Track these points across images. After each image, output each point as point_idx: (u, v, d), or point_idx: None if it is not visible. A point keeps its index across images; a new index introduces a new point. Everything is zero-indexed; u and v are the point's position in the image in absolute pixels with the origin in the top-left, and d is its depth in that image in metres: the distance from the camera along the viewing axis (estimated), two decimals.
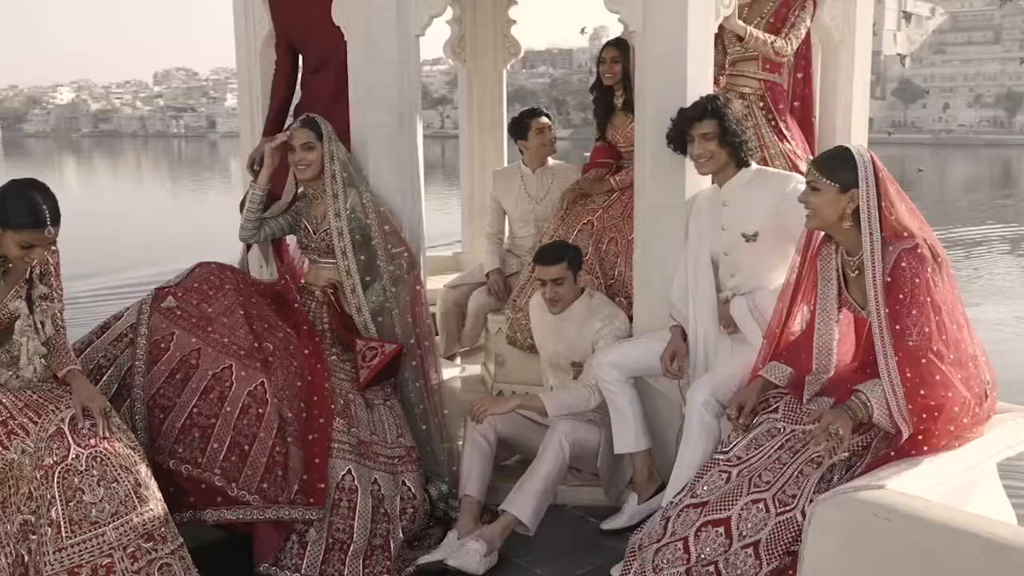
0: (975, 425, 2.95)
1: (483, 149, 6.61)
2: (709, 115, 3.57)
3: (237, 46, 4.83)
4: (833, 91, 4.50)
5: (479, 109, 6.60)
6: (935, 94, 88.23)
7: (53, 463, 2.89)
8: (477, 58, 6.55)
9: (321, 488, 3.46)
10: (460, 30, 6.48)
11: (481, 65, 6.57)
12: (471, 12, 6.46)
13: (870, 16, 4.48)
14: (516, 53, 6.67)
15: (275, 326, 3.73)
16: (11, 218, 2.91)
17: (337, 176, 3.86)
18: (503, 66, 6.65)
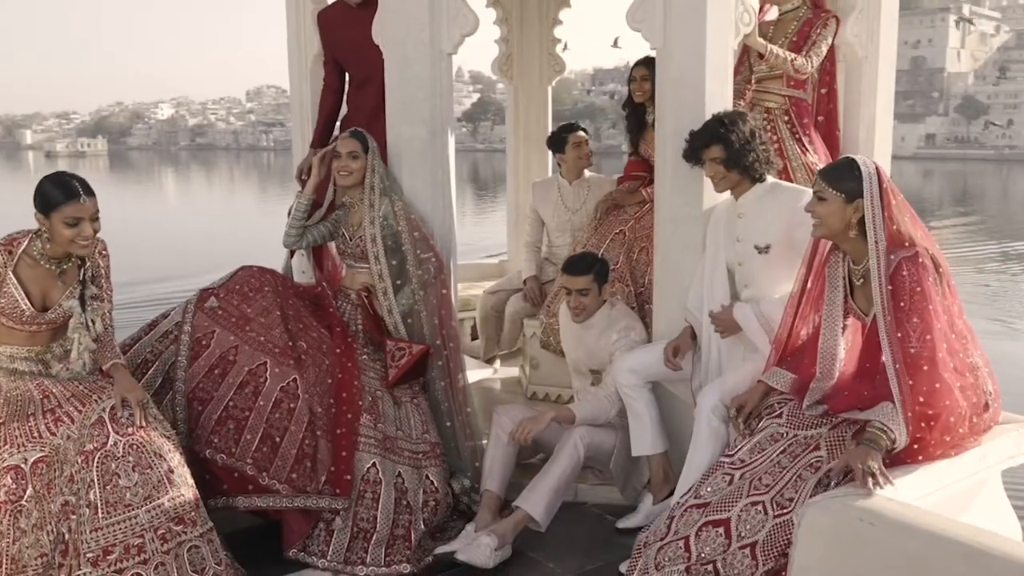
0: (973, 435, 2.86)
1: (528, 163, 6.65)
2: (716, 140, 3.53)
3: (290, 64, 4.94)
4: (856, 106, 4.41)
5: (525, 124, 6.64)
6: (998, 111, 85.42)
7: (93, 449, 2.98)
8: (523, 76, 6.60)
9: (347, 479, 3.50)
10: (507, 49, 6.54)
11: (527, 82, 6.61)
12: (518, 32, 6.51)
13: (894, 32, 4.38)
14: (560, 71, 6.70)
15: (310, 326, 3.79)
16: (50, 201, 3.02)
17: (376, 187, 3.92)
18: (548, 83, 6.68)
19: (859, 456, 2.68)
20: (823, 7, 4.33)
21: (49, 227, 3.04)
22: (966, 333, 2.94)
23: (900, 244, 2.84)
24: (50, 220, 3.03)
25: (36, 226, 3.10)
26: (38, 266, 3.09)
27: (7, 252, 3.05)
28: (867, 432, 2.75)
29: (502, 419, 3.90)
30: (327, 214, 4.08)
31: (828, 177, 2.96)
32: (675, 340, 3.79)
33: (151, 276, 13.23)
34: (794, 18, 4.32)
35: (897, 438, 2.71)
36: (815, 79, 4.39)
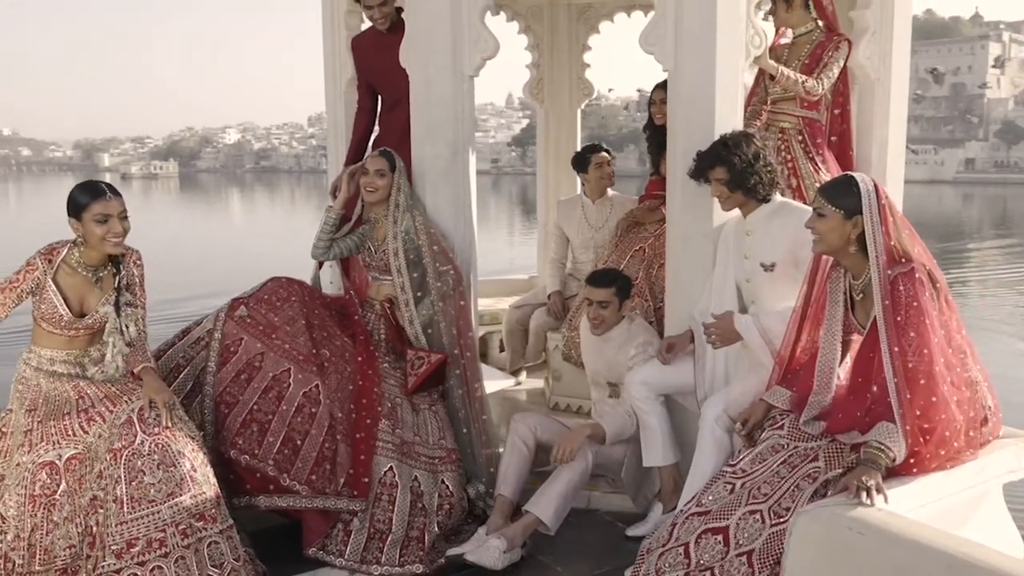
0: (970, 448, 2.78)
1: (558, 183, 6.64)
2: (719, 162, 3.50)
3: (326, 88, 5.01)
4: (869, 126, 4.33)
5: (555, 146, 6.65)
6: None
7: (121, 447, 3.04)
8: (554, 99, 6.61)
9: (365, 482, 3.52)
10: (538, 74, 6.55)
11: (557, 106, 6.62)
12: (548, 57, 6.53)
13: (907, 55, 4.31)
14: (589, 94, 6.69)
15: (334, 335, 3.83)
16: (79, 203, 3.12)
17: (400, 204, 3.95)
18: (577, 106, 6.69)
19: (858, 474, 2.62)
20: (836, 30, 4.27)
21: (82, 229, 3.12)
22: (965, 348, 2.87)
23: (897, 260, 2.79)
24: (82, 222, 3.11)
25: (74, 236, 3.18)
26: (76, 274, 3.17)
27: (47, 260, 3.13)
28: (865, 452, 2.69)
29: (519, 426, 3.89)
30: (353, 228, 4.12)
31: (827, 194, 2.92)
32: (672, 337, 3.77)
33: (212, 291, 13.51)
34: (807, 41, 4.27)
35: (896, 455, 2.65)
36: (828, 100, 4.33)
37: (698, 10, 3.68)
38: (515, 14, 6.41)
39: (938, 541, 2.23)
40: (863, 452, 2.68)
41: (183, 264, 20.19)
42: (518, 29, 6.50)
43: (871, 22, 4.20)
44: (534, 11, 6.43)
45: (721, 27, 3.68)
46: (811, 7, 4.26)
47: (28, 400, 3.20)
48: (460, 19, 3.93)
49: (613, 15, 6.45)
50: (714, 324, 3.49)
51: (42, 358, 3.23)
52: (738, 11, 3.72)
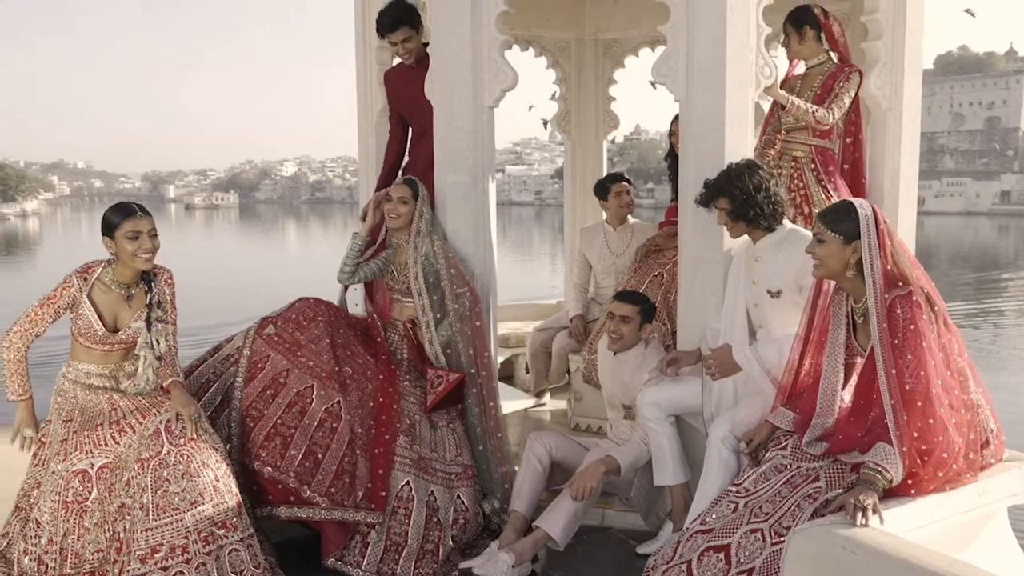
0: (970, 471, 2.70)
1: (584, 212, 6.65)
2: (722, 193, 3.48)
3: (358, 119, 5.09)
4: (882, 155, 4.28)
5: (581, 176, 6.66)
6: None
7: (149, 457, 3.08)
8: (580, 131, 6.63)
9: (383, 496, 3.52)
10: (565, 107, 6.59)
11: (584, 138, 6.64)
12: (575, 91, 6.56)
13: (918, 85, 4.25)
14: (615, 126, 6.70)
15: (357, 354, 3.85)
16: (112, 222, 3.20)
17: (422, 230, 3.98)
18: (603, 138, 6.70)
19: (854, 494, 2.56)
20: (848, 61, 4.24)
21: (115, 247, 3.19)
22: (966, 371, 2.80)
23: (895, 284, 2.74)
24: (115, 239, 3.18)
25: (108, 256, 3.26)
26: (110, 291, 3.24)
27: (82, 278, 3.20)
28: (863, 473, 2.63)
29: (535, 445, 3.87)
30: (376, 252, 4.16)
31: (827, 220, 2.88)
32: (678, 352, 3.74)
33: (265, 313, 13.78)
34: (820, 72, 4.24)
35: (894, 477, 2.59)
36: (840, 129, 4.28)
37: (708, 43, 3.68)
38: (543, 50, 6.47)
39: (929, 561, 2.16)
40: (861, 473, 2.62)
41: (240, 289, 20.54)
42: (546, 64, 6.55)
43: (882, 53, 4.17)
44: (561, 47, 6.48)
45: (731, 59, 3.67)
46: (823, 39, 4.23)
47: (65, 411, 3.27)
48: (481, 53, 3.97)
49: (638, 50, 6.47)
50: (713, 356, 3.46)
51: (79, 372, 3.30)
52: (748, 43, 3.72)
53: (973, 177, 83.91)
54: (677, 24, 3.74)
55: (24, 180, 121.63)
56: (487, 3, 3.94)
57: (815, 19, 4.21)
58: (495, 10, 3.94)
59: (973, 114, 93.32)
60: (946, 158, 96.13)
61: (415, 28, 4.38)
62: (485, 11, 3.94)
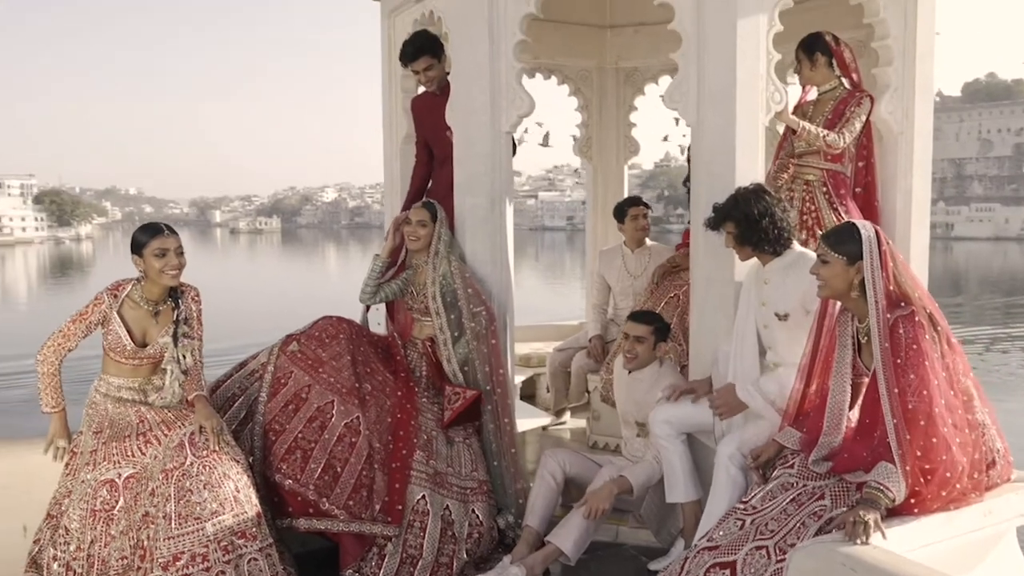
0: (975, 490, 2.64)
1: (606, 235, 6.64)
2: (728, 218, 3.46)
3: (384, 144, 5.15)
4: (894, 178, 4.23)
5: (603, 200, 6.65)
6: None
7: (173, 468, 3.13)
8: (601, 156, 6.64)
9: (399, 509, 3.53)
10: (587, 133, 6.61)
11: (605, 163, 6.65)
12: (597, 117, 6.59)
13: (929, 110, 4.21)
14: (635, 152, 6.71)
15: (376, 371, 3.88)
16: (140, 240, 3.28)
17: (440, 252, 4.01)
18: (624, 163, 6.70)
19: (855, 512, 2.52)
20: (859, 87, 4.22)
21: (143, 264, 3.26)
22: (971, 390, 2.75)
23: (897, 304, 2.70)
24: (143, 257, 3.25)
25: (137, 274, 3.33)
26: (139, 308, 3.31)
27: (113, 296, 3.27)
28: (865, 492, 2.59)
29: (549, 462, 3.87)
30: (396, 273, 4.19)
31: (830, 241, 2.86)
32: (693, 382, 3.71)
33: None
34: (831, 97, 4.22)
35: (896, 496, 2.54)
36: (852, 153, 4.25)
37: (719, 70, 3.69)
38: (565, 78, 6.51)
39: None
40: (863, 492, 2.58)
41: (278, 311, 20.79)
42: (568, 92, 6.59)
43: (893, 79, 4.14)
44: (583, 75, 6.51)
45: (741, 85, 3.67)
46: (834, 65, 4.22)
47: (96, 423, 3.33)
48: (498, 81, 4.01)
49: (657, 78, 6.48)
50: (717, 397, 3.44)
51: (110, 385, 3.36)
52: (758, 70, 3.71)
53: (1002, 203, 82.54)
54: (688, 51, 3.75)
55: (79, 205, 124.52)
56: (505, 32, 3.98)
57: (826, 46, 4.19)
58: (512, 39, 3.98)
59: (1001, 140, 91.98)
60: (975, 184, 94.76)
61: (437, 57, 4.44)
62: (503, 40, 3.99)
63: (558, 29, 6.27)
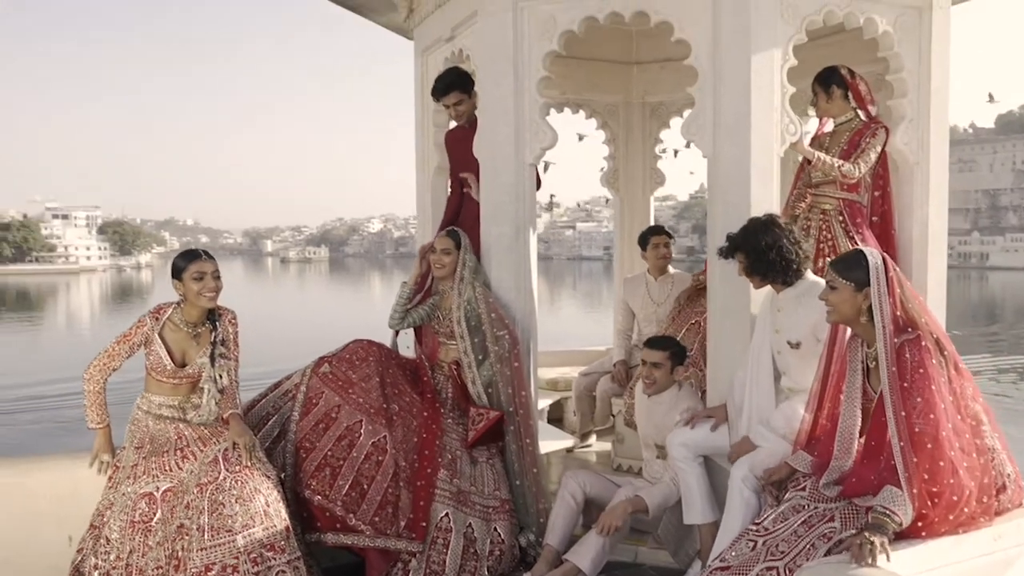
0: (985, 515, 2.59)
1: (632, 263, 6.63)
2: (739, 249, 3.46)
3: (417, 176, 5.24)
4: (910, 207, 4.19)
5: (629, 230, 6.66)
6: None
7: (207, 482, 3.19)
8: (628, 187, 6.67)
9: (423, 526, 3.55)
10: (614, 165, 6.65)
11: (631, 193, 6.67)
12: (624, 149, 6.62)
13: (945, 140, 4.17)
14: (661, 183, 6.72)
15: (404, 392, 3.92)
16: (179, 265, 3.38)
17: (465, 278, 4.06)
18: (650, 194, 6.72)
19: (863, 535, 2.49)
20: (875, 118, 4.20)
21: (183, 287, 3.35)
22: (981, 415, 2.70)
23: (904, 329, 2.68)
24: (182, 281, 3.34)
25: (177, 298, 3.42)
26: (179, 330, 3.40)
27: (155, 318, 3.37)
28: (872, 517, 2.55)
29: (570, 482, 3.86)
30: (423, 299, 4.24)
31: (838, 268, 2.85)
32: (710, 409, 3.69)
33: None
34: (847, 128, 4.22)
35: (902, 519, 2.50)
36: (868, 183, 4.23)
37: (734, 103, 3.71)
38: (593, 112, 6.56)
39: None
40: (870, 517, 2.54)
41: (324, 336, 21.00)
42: (596, 125, 6.64)
43: (908, 110, 4.12)
44: (610, 109, 6.57)
45: (755, 117, 3.69)
46: (850, 98, 4.21)
47: (137, 439, 3.42)
48: (522, 115, 4.07)
49: (682, 111, 6.49)
50: (735, 451, 3.44)
51: (152, 403, 3.45)
52: (772, 102, 3.73)
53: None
54: (704, 85, 3.78)
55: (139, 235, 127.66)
56: (529, 69, 4.05)
57: (842, 79, 4.19)
58: (536, 75, 4.04)
59: None
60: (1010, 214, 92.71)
61: (466, 92, 4.51)
62: (527, 76, 4.05)
63: (586, 66, 6.34)
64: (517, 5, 4.02)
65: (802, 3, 3.78)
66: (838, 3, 3.87)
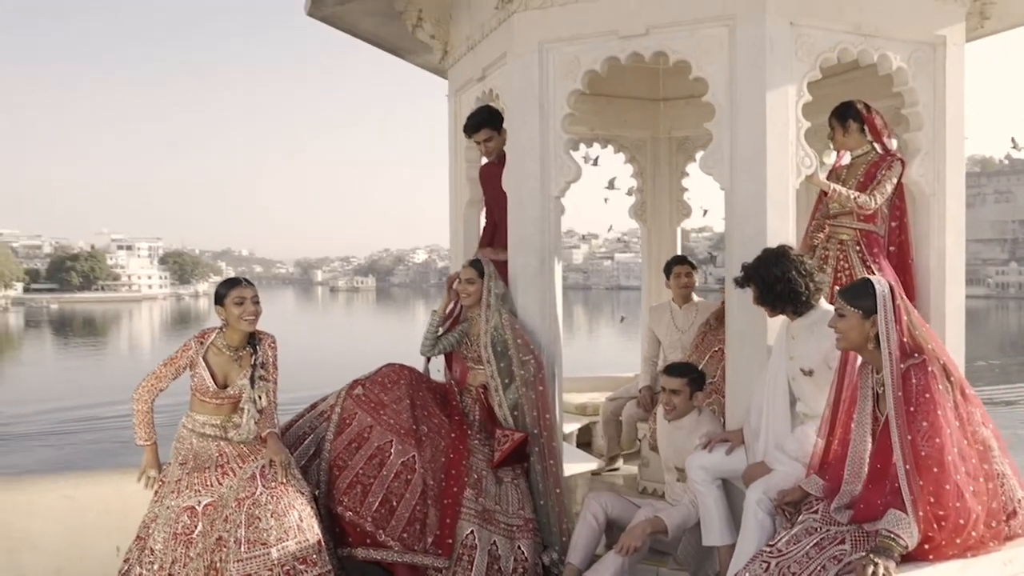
0: (994, 539, 2.55)
1: (659, 292, 6.64)
2: (750, 280, 3.47)
3: (450, 208, 5.34)
4: (927, 237, 4.16)
5: (656, 260, 6.68)
6: None
7: (244, 497, 3.28)
8: (655, 219, 6.70)
9: (449, 543, 3.59)
10: (642, 198, 6.69)
11: (658, 225, 6.70)
12: (651, 182, 6.67)
13: (961, 171, 4.15)
14: (687, 215, 6.74)
15: (433, 414, 3.98)
16: (221, 292, 3.52)
17: (492, 304, 4.12)
18: (677, 225, 6.74)
19: (868, 558, 2.47)
20: (890, 151, 4.19)
21: (224, 312, 3.47)
22: (990, 441, 2.67)
23: (911, 354, 2.67)
24: (224, 306, 3.46)
25: (220, 323, 3.54)
26: (221, 354, 3.52)
27: (199, 343, 3.49)
28: (878, 541, 2.53)
29: (592, 503, 3.87)
30: (451, 327, 4.32)
31: (847, 296, 2.85)
32: (727, 432, 3.68)
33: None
34: (864, 161, 4.21)
35: (908, 542, 2.48)
36: (885, 214, 4.21)
37: (750, 138, 3.74)
38: (621, 147, 6.64)
39: None
40: (876, 541, 2.52)
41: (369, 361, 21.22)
42: (624, 159, 6.70)
43: (923, 143, 4.11)
44: (638, 144, 6.63)
45: (771, 151, 3.71)
46: (866, 131, 4.21)
47: (182, 455, 3.53)
48: (548, 151, 4.15)
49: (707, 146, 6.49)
50: (749, 474, 3.44)
51: (196, 422, 3.56)
52: (787, 137, 3.75)
53: None
54: (721, 121, 3.82)
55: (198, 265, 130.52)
56: (554, 107, 4.13)
57: (858, 113, 4.20)
58: (560, 113, 4.12)
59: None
60: None
61: (496, 129, 4.61)
62: (552, 114, 4.13)
63: (615, 103, 6.43)
64: (543, 47, 4.12)
65: (816, 41, 3.82)
66: (852, 41, 3.89)
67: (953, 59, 4.10)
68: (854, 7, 3.87)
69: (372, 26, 5.58)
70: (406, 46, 5.72)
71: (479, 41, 4.67)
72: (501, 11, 4.28)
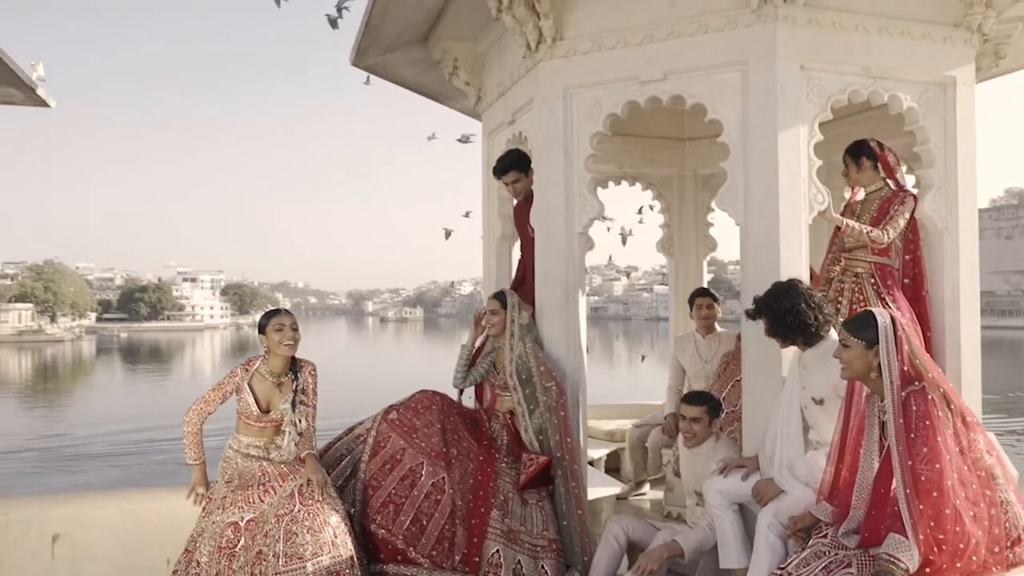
0: (998, 565, 2.52)
1: (686, 323, 6.63)
2: (760, 312, 3.49)
3: (484, 244, 5.45)
4: (941, 270, 4.13)
5: (683, 292, 6.67)
6: None
7: (283, 513, 3.38)
8: (682, 253, 6.72)
9: (476, 561, 3.64)
10: (669, 232, 6.73)
11: (685, 259, 6.72)
12: (678, 217, 6.71)
13: (974, 206, 4.12)
14: (713, 249, 6.75)
15: (462, 438, 4.05)
16: (263, 321, 3.66)
17: (516, 334, 4.20)
18: (703, 259, 6.75)
19: None
20: (902, 187, 4.20)
21: (267, 340, 3.60)
22: (995, 469, 2.65)
23: (912, 382, 2.67)
24: (266, 334, 3.60)
25: (263, 351, 3.68)
26: (265, 380, 3.65)
27: (244, 369, 3.63)
28: (879, 566, 2.52)
29: (613, 526, 3.89)
30: (476, 356, 4.40)
31: (850, 327, 2.87)
32: (742, 459, 3.69)
33: None
34: (877, 197, 4.22)
35: (908, 565, 2.46)
36: (899, 247, 4.20)
37: (763, 176, 3.78)
38: (649, 184, 6.70)
39: None
40: (878, 565, 2.51)
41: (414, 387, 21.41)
42: (652, 196, 6.76)
43: (935, 179, 4.10)
44: (664, 181, 6.69)
45: (783, 188, 3.75)
46: (879, 168, 4.22)
47: (228, 474, 3.65)
48: (572, 189, 4.24)
49: None
50: (757, 490, 3.44)
51: (241, 443, 3.68)
52: (799, 174, 3.78)
53: None
54: (735, 160, 3.87)
55: (256, 297, 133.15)
56: (577, 148, 4.23)
57: (871, 151, 4.22)
58: (583, 154, 4.22)
59: None
60: None
61: (524, 171, 4.73)
62: (576, 155, 4.23)
63: (642, 143, 6.52)
64: (567, 92, 4.24)
65: (826, 84, 3.86)
66: (862, 83, 3.92)
67: (963, 99, 4.11)
68: (863, 50, 3.91)
69: (413, 74, 5.78)
70: (445, 92, 5.90)
71: (509, 87, 4.81)
72: (528, 60, 4.42)
